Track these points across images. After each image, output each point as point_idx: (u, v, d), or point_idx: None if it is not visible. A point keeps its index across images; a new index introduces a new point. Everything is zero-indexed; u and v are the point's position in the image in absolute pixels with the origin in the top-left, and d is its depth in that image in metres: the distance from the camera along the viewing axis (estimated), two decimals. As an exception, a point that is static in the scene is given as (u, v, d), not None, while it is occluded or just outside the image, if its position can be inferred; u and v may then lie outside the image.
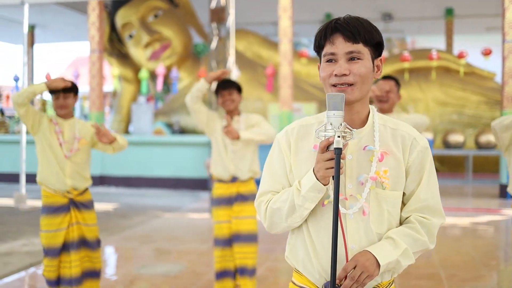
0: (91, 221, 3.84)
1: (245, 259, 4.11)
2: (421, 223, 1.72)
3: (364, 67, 1.69)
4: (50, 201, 3.77)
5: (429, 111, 14.25)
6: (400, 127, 1.77)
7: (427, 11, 16.98)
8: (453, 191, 11.26)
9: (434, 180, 1.77)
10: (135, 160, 12.03)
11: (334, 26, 1.70)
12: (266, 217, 1.79)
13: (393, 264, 1.66)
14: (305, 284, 1.78)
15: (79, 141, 3.82)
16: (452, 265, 5.53)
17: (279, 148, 1.81)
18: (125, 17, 15.41)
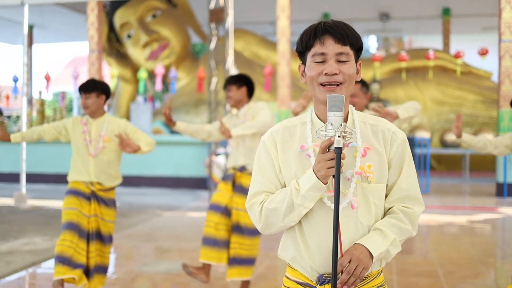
0: (109, 218, 3.98)
1: (239, 250, 4.23)
2: (404, 213, 1.82)
3: (352, 68, 1.79)
4: (74, 185, 3.94)
5: (427, 110, 14.34)
6: (379, 123, 1.86)
7: (424, 10, 17.06)
8: (450, 190, 11.34)
9: (413, 171, 1.86)
10: (135, 159, 12.04)
11: (324, 28, 1.78)
12: (261, 218, 1.83)
13: (384, 253, 1.75)
14: (298, 278, 1.84)
15: (104, 139, 3.91)
16: (450, 263, 5.60)
17: (266, 150, 1.86)
18: (123, 17, 15.45)
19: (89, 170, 3.90)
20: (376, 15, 18.01)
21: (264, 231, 1.86)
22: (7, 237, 6.82)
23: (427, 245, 6.55)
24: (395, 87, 14.61)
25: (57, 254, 3.79)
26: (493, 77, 15.19)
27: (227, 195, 4.32)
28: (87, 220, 3.87)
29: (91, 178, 3.89)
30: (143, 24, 15.43)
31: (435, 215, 8.42)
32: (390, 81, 14.84)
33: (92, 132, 3.94)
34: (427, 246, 6.50)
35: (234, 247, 4.25)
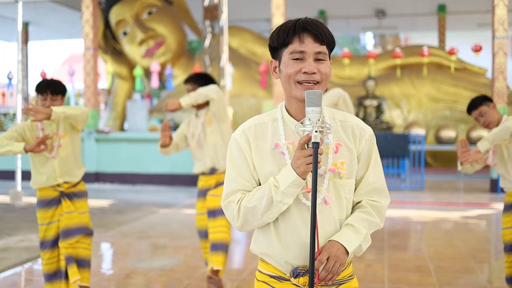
0: (81, 209, 3.90)
1: (218, 233, 4.18)
2: (372, 206, 1.87)
3: (328, 67, 1.82)
4: (42, 194, 3.86)
5: (422, 107, 14.39)
6: (348, 119, 1.89)
7: (420, 7, 17.10)
8: (445, 186, 11.39)
9: (379, 164, 1.92)
10: (131, 156, 12.11)
11: (304, 26, 1.78)
12: (238, 217, 1.82)
13: (357, 249, 1.81)
14: (271, 272, 1.87)
15: (60, 136, 3.83)
16: (441, 258, 5.65)
17: (238, 148, 1.86)
18: (119, 14, 15.46)
19: (55, 172, 3.81)
20: (372, 12, 18.04)
21: (241, 229, 1.86)
22: (1, 234, 6.85)
23: (419, 241, 6.60)
24: (391, 84, 14.65)
25: (45, 273, 3.83)
26: (488, 74, 15.24)
27: (205, 217, 4.29)
28: (57, 224, 3.83)
29: (58, 181, 3.81)
30: (139, 21, 15.44)
31: (429, 211, 8.47)
32: (386, 78, 14.88)
33: (50, 132, 3.81)
34: (420, 242, 6.55)
35: (213, 231, 4.20)
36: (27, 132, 3.83)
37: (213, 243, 4.19)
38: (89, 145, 12.14)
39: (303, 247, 1.79)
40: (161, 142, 4.18)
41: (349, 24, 19.67)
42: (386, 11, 17.84)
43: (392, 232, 6.96)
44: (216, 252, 4.18)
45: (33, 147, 3.65)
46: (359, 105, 13.69)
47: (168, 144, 4.22)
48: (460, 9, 17.03)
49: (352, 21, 19.30)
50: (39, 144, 3.66)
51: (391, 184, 11.08)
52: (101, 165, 12.25)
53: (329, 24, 19.18)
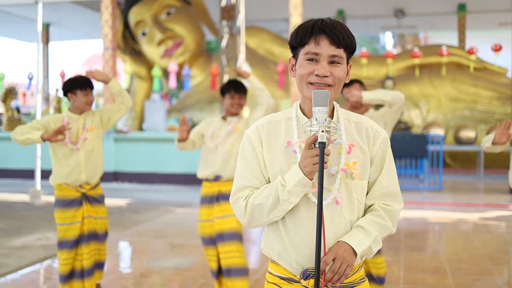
0: (102, 214, 3.99)
1: (230, 259, 4.04)
2: (385, 210, 1.84)
3: (342, 71, 1.79)
4: (62, 194, 3.89)
5: (441, 107, 14.26)
6: (362, 121, 1.88)
7: (439, 6, 16.94)
8: (464, 187, 11.27)
9: (393, 168, 1.90)
10: (149, 156, 12.19)
11: (321, 27, 1.76)
12: (245, 213, 1.82)
13: (366, 250, 1.78)
14: (281, 273, 1.85)
15: (88, 130, 3.91)
16: (458, 259, 5.59)
17: (251, 145, 1.86)
18: (138, 15, 15.56)
19: (80, 165, 3.87)
20: (391, 11, 17.92)
21: (249, 226, 1.86)
22: (20, 232, 6.94)
23: (437, 242, 6.55)
24: (410, 84, 14.53)
25: (61, 274, 3.87)
26: (508, 73, 15.05)
27: (212, 222, 4.17)
28: (80, 225, 3.88)
29: (81, 176, 3.87)
30: (157, 21, 15.52)
31: (447, 212, 8.39)
32: (405, 78, 14.77)
33: (79, 128, 3.90)
34: (437, 243, 6.49)
35: (225, 257, 4.07)
36: (51, 124, 3.88)
37: (227, 269, 4.05)
38: (107, 144, 12.24)
39: (312, 247, 1.76)
40: (178, 136, 4.09)
41: (368, 23, 19.57)
42: (405, 11, 17.71)
43: (409, 233, 6.90)
44: (231, 277, 4.03)
45: (51, 135, 3.69)
46: (376, 106, 13.59)
47: (185, 139, 4.12)
48: (481, 8, 16.83)
49: (371, 21, 19.20)
50: (56, 133, 3.69)
51: (409, 185, 11.00)
52: (120, 165, 12.34)
53: (348, 24, 19.09)
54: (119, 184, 12.16)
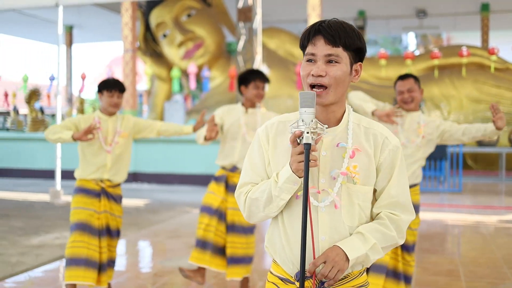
0: (118, 213, 4.10)
1: (236, 249, 4.18)
2: (391, 219, 1.81)
3: (340, 70, 1.77)
4: (83, 183, 4.02)
5: (463, 108, 14.08)
6: (373, 126, 1.86)
7: (462, 6, 16.75)
8: (485, 189, 11.13)
9: (404, 178, 1.85)
10: (168, 157, 12.28)
11: (318, 28, 1.78)
12: (245, 207, 1.87)
13: (362, 258, 1.75)
14: (280, 274, 1.86)
15: (121, 134, 4.03)
16: (473, 263, 5.53)
17: (259, 143, 1.89)
18: (159, 17, 15.69)
19: (106, 166, 3.99)
20: (413, 12, 17.77)
21: (249, 220, 1.90)
22: (39, 231, 7.05)
23: (453, 245, 6.48)
24: (430, 85, 14.38)
25: (69, 256, 3.87)
26: (532, 74, 14.79)
27: (219, 198, 4.22)
28: (97, 216, 3.98)
29: (104, 175, 3.98)
30: (178, 23, 15.63)
31: (465, 214, 8.29)
32: (425, 79, 14.61)
33: (109, 129, 4.03)
34: (453, 246, 6.43)
35: (231, 246, 4.20)
36: (82, 124, 3.99)
37: (232, 257, 4.17)
38: (127, 145, 12.36)
39: (307, 249, 1.75)
40: (206, 135, 4.00)
41: (389, 24, 19.43)
42: (427, 11, 17.55)
43: (425, 235, 6.84)
44: (234, 264, 4.18)
45: (81, 135, 3.79)
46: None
47: (214, 138, 4.07)
48: (505, 8, 16.60)
49: (393, 21, 19.05)
50: (86, 133, 3.79)
51: (428, 186, 10.90)
52: (139, 165, 12.46)
53: (369, 25, 19.00)
54: (138, 184, 12.28)
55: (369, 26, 19.12)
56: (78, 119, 4.03)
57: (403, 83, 3.89)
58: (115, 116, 4.09)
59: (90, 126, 3.79)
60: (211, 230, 4.20)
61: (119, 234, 4.16)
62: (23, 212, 8.62)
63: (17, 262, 5.51)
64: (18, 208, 9.10)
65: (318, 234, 1.78)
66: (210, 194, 4.30)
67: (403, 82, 3.89)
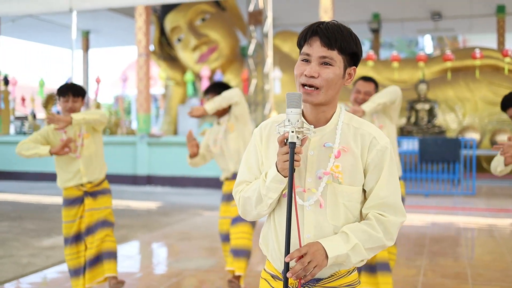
0: (106, 204, 4.11)
1: (237, 240, 4.17)
2: (378, 220, 1.79)
3: (333, 73, 1.79)
4: (67, 193, 4.07)
5: (477, 110, 13.97)
6: (362, 127, 1.85)
7: (477, 8, 16.63)
8: (499, 192, 11.02)
9: (394, 179, 1.84)
10: (181, 160, 12.34)
11: (315, 30, 1.80)
12: (239, 205, 1.93)
13: (343, 257, 1.74)
14: (271, 271, 1.90)
15: (83, 137, 4.04)
16: (482, 265, 5.49)
17: (254, 142, 1.95)
18: (173, 21, 15.81)
19: (80, 172, 4.01)
20: (428, 14, 17.69)
21: (244, 217, 1.95)
22: (50, 233, 7.15)
23: (462, 248, 6.43)
24: (445, 87, 14.30)
25: (70, 268, 4.02)
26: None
27: (227, 221, 4.29)
28: (79, 221, 4.04)
29: (83, 180, 4.02)
30: (192, 27, 15.73)
31: (477, 217, 8.22)
32: (440, 81, 14.53)
33: (72, 135, 4.02)
34: (462, 249, 6.38)
35: (234, 237, 4.22)
36: (50, 135, 4.05)
37: (234, 249, 4.20)
38: (141, 148, 12.47)
39: (294, 247, 1.78)
40: (190, 153, 4.20)
41: (404, 27, 19.35)
42: (442, 13, 17.45)
43: (435, 238, 6.81)
44: (238, 258, 4.19)
45: (58, 150, 3.87)
46: (410, 109, 13.44)
47: (196, 154, 4.24)
48: (521, 10, 16.47)
49: (408, 24, 18.98)
50: (63, 147, 3.87)
51: (441, 189, 10.83)
52: (153, 168, 12.55)
53: (384, 27, 18.93)
54: (152, 187, 12.36)
55: (383, 29, 19.06)
56: (46, 131, 4.04)
57: (364, 84, 3.98)
58: None
59: (67, 139, 3.86)
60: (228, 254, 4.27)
61: (111, 224, 4.13)
62: (36, 214, 8.74)
63: (27, 263, 5.60)
64: (31, 210, 9.23)
65: (303, 232, 1.81)
66: (222, 220, 4.36)
67: (365, 83, 3.99)
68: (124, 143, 12.91)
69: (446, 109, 14.16)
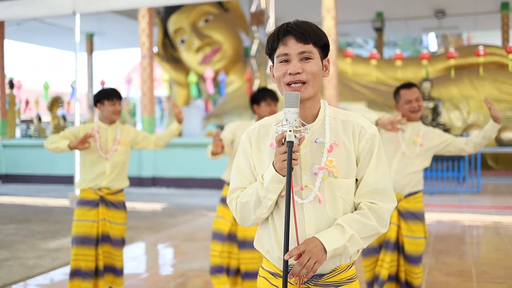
0: (119, 220, 4.08)
1: (250, 265, 4.12)
2: (370, 209, 1.82)
3: (315, 65, 1.83)
4: (83, 195, 4.07)
5: (482, 108, 13.94)
6: (350, 118, 1.89)
7: (481, 6, 16.60)
8: (505, 190, 10.99)
9: (383, 166, 1.87)
10: (186, 161, 12.39)
11: (286, 29, 1.83)
12: (237, 212, 1.91)
13: (341, 249, 1.76)
14: (271, 269, 1.91)
15: (120, 142, 4.08)
16: (487, 263, 5.49)
17: (243, 148, 1.94)
18: (177, 23, 15.85)
19: (105, 174, 4.02)
20: (432, 12, 17.67)
21: (243, 224, 1.94)
22: (57, 235, 7.18)
23: (467, 246, 6.42)
24: (449, 85, 14.27)
25: (74, 269, 3.97)
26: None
27: (228, 222, 4.21)
28: (96, 225, 4.01)
29: (102, 183, 4.01)
30: (195, 29, 15.77)
31: (482, 215, 8.21)
32: (444, 79, 14.51)
33: (108, 138, 4.06)
34: (467, 246, 6.37)
35: (244, 262, 4.15)
36: (81, 133, 4.04)
37: (246, 272, 4.13)
38: (146, 150, 12.50)
39: (294, 244, 1.79)
40: (212, 150, 4.09)
41: (408, 25, 19.33)
42: (446, 11, 17.42)
43: (440, 235, 6.80)
44: (250, 279, 4.13)
45: (77, 144, 3.85)
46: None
47: (219, 153, 4.15)
48: (525, 6, 16.41)
49: (411, 22, 18.96)
50: (82, 142, 3.85)
51: (446, 187, 10.81)
52: (158, 170, 12.58)
53: (388, 26, 18.91)
54: (157, 189, 12.40)
55: (387, 28, 19.04)
56: (78, 129, 4.07)
57: (410, 92, 3.78)
58: (114, 125, 4.11)
59: (86, 135, 3.85)
60: (225, 256, 4.20)
61: (124, 242, 4.15)
62: (43, 217, 8.79)
63: (34, 265, 5.64)
64: (38, 212, 9.28)
65: (305, 230, 1.82)
66: (219, 219, 4.27)
67: (410, 91, 3.79)
68: (129, 145, 12.92)
69: (451, 107, 14.13)
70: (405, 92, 3.81)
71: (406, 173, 3.74)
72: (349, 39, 27.66)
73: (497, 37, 18.57)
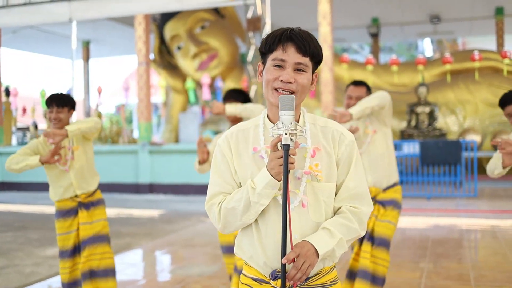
0: (99, 216, 3.99)
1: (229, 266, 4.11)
2: (352, 213, 1.87)
3: (306, 79, 1.85)
4: (60, 205, 3.97)
5: (478, 112, 13.99)
6: (328, 125, 1.93)
7: (476, 11, 16.69)
8: (502, 194, 11.02)
9: (360, 170, 1.92)
10: (183, 168, 12.37)
11: (289, 36, 1.83)
12: (219, 218, 1.88)
13: (329, 253, 1.80)
14: (254, 275, 1.90)
15: (72, 149, 3.91)
16: (485, 267, 5.49)
17: (221, 153, 1.93)
18: (173, 30, 15.88)
19: (73, 185, 3.91)
20: (427, 17, 17.74)
21: (224, 231, 1.91)
22: (53, 242, 7.14)
23: (465, 249, 6.43)
24: (445, 90, 14.32)
25: (63, 282, 3.94)
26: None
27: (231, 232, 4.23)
28: (75, 233, 3.94)
29: (76, 192, 3.92)
30: (192, 35, 15.79)
31: (479, 219, 8.23)
32: (440, 84, 14.56)
33: (62, 144, 3.86)
34: (465, 250, 6.38)
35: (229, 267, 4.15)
36: (39, 147, 3.94)
37: None
38: (143, 157, 12.49)
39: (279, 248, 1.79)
40: (199, 158, 3.98)
41: (403, 30, 19.40)
42: (441, 16, 17.50)
43: (438, 240, 6.81)
44: None
45: (48, 158, 3.76)
46: (410, 112, 13.46)
47: (206, 160, 4.04)
48: (519, 11, 16.50)
49: (407, 28, 19.02)
50: (53, 155, 3.76)
51: (443, 192, 10.83)
52: (155, 176, 12.57)
53: (383, 31, 18.98)
54: (154, 195, 12.38)
55: (383, 33, 19.10)
56: (35, 144, 3.94)
57: (355, 89, 3.93)
58: None
59: (56, 147, 3.74)
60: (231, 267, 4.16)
61: (108, 239, 4.05)
62: (39, 224, 8.76)
63: (31, 273, 5.62)
64: (35, 220, 9.25)
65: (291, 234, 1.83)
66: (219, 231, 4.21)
67: (356, 88, 3.94)
68: (126, 152, 12.95)
69: (447, 112, 14.18)
70: (350, 88, 3.96)
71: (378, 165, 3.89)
72: (345, 45, 27.74)
73: (492, 42, 18.66)
